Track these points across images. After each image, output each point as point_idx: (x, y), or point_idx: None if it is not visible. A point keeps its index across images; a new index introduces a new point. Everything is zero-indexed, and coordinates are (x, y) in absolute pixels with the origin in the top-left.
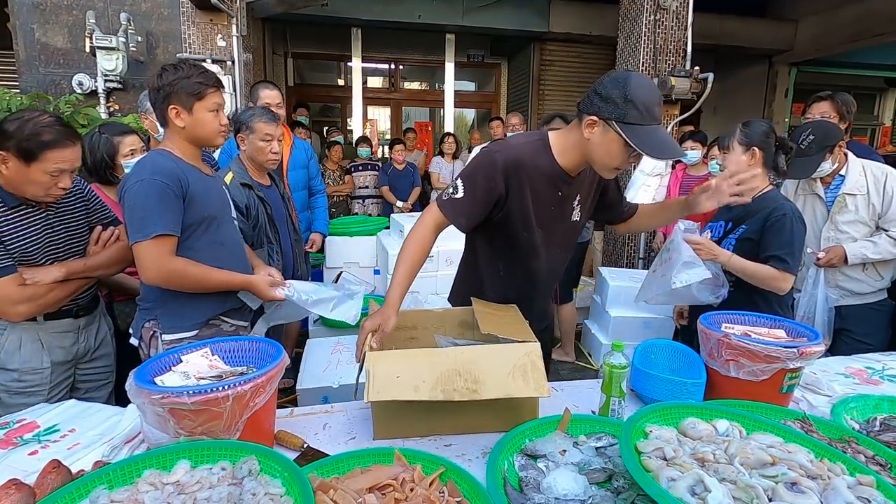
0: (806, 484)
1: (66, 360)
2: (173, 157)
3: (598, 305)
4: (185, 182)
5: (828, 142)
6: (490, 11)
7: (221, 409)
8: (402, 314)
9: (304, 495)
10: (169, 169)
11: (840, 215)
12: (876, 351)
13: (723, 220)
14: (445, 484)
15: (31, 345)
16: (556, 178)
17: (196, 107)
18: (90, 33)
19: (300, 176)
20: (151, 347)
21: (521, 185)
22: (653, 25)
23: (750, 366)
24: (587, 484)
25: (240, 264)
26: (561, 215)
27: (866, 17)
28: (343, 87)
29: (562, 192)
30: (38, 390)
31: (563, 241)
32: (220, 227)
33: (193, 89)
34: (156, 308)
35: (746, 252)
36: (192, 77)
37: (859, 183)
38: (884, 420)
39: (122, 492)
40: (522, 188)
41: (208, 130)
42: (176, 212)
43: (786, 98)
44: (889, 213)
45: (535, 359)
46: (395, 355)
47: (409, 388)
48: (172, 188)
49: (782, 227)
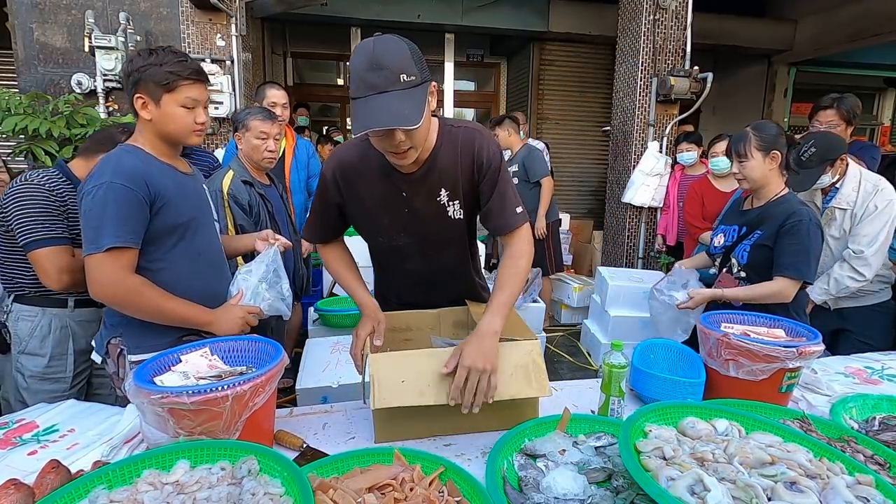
0: (805, 483)
1: (87, 350)
2: (143, 155)
3: (598, 305)
4: (155, 185)
5: (829, 155)
6: (489, 11)
7: (221, 409)
8: (396, 316)
9: (303, 495)
10: (133, 170)
11: (828, 228)
12: (879, 351)
13: (736, 224)
14: (445, 484)
15: (61, 331)
16: (391, 176)
17: (165, 99)
18: (89, 33)
19: (300, 176)
20: (120, 366)
21: (355, 189)
22: (652, 25)
23: (749, 365)
24: (587, 483)
25: (216, 277)
26: (423, 216)
27: (865, 16)
28: (342, 86)
29: (406, 191)
30: (62, 377)
31: (442, 243)
32: (197, 235)
33: (162, 79)
34: (120, 325)
35: (761, 261)
36: (164, 65)
37: (850, 197)
38: (883, 419)
39: (121, 492)
40: (356, 192)
41: (177, 127)
42: (137, 220)
43: (785, 98)
44: (859, 226)
45: (537, 357)
46: (398, 358)
47: (415, 393)
48: (136, 193)
49: (797, 234)
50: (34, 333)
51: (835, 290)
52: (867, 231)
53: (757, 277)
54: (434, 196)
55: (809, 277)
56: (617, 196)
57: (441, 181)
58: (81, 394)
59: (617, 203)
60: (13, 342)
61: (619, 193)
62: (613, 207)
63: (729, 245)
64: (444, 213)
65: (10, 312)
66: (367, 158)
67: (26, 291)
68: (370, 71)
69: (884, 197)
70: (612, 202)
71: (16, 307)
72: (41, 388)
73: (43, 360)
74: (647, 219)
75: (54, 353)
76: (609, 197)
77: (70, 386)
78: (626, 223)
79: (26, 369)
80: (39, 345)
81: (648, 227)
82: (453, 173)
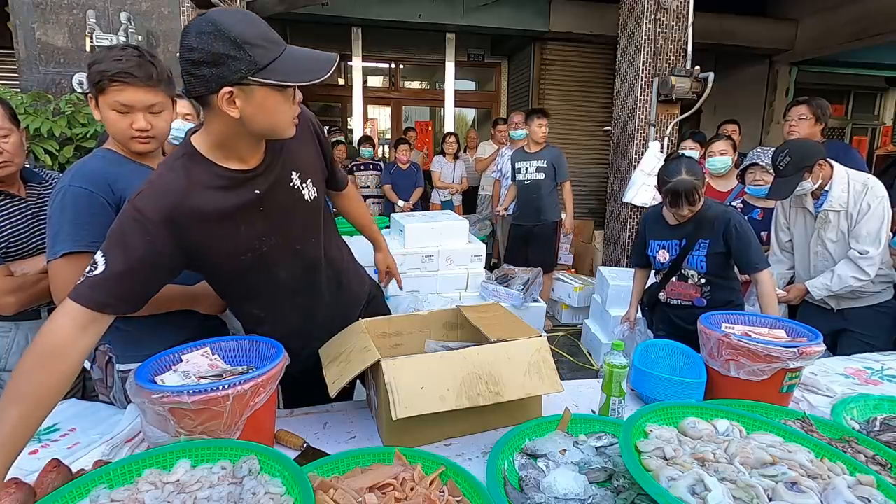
0: (806, 483)
1: None
2: (113, 157)
3: (598, 305)
4: (122, 186)
5: (805, 162)
6: (490, 11)
7: (221, 409)
8: (385, 321)
9: (304, 494)
10: (96, 172)
11: (825, 231)
12: (880, 350)
13: (675, 239)
14: (445, 483)
15: None
16: (235, 183)
17: (100, 100)
18: (90, 32)
19: None
20: (108, 374)
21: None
22: (653, 25)
23: (750, 365)
24: (587, 483)
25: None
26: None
27: (866, 16)
28: (343, 86)
29: (259, 189)
30: None
31: (308, 230)
32: None
33: (94, 78)
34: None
35: (718, 266)
36: (101, 62)
37: (841, 199)
38: (884, 420)
39: (122, 491)
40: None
41: (113, 132)
42: (97, 223)
43: (786, 98)
44: (858, 227)
45: (546, 354)
46: (414, 363)
47: (436, 399)
48: (96, 196)
49: (743, 234)
50: (11, 349)
51: (837, 287)
52: (867, 230)
53: (718, 280)
54: (287, 182)
55: (767, 263)
56: (618, 196)
57: (287, 165)
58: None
59: (618, 203)
60: None
61: (619, 193)
62: (614, 207)
63: (675, 258)
64: (299, 198)
65: None
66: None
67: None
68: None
69: (874, 194)
70: (613, 202)
71: None
72: None
73: None
74: None
75: None
76: (610, 197)
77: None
78: (626, 223)
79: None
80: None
81: None
82: (298, 152)
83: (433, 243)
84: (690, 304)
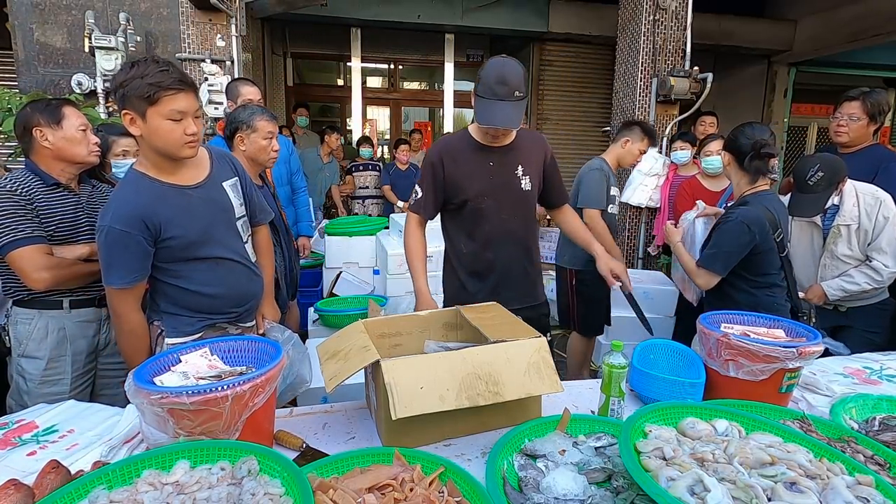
0: (805, 483)
1: (88, 351)
2: (145, 184)
3: None
4: (156, 219)
5: (837, 178)
6: (489, 11)
7: (220, 409)
8: (385, 321)
9: (303, 495)
10: (131, 211)
11: (835, 245)
12: (881, 346)
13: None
14: (445, 484)
15: (58, 333)
16: (477, 149)
17: (149, 113)
18: (89, 33)
19: (282, 171)
20: (157, 346)
21: (451, 158)
22: (652, 25)
23: (749, 365)
24: (586, 484)
25: (244, 277)
26: (503, 184)
27: (865, 16)
28: (342, 87)
29: (492, 161)
30: (62, 379)
31: (515, 209)
32: (210, 246)
33: (144, 91)
34: (160, 311)
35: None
36: (146, 76)
37: (853, 213)
38: (883, 420)
39: (121, 492)
40: (453, 160)
41: (166, 141)
42: (137, 259)
43: (785, 98)
44: (877, 240)
45: (545, 354)
46: (414, 364)
47: (435, 399)
48: (133, 236)
49: (719, 228)
50: (31, 336)
51: (852, 290)
52: (887, 241)
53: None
54: (513, 169)
55: (710, 267)
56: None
57: (518, 159)
58: (85, 396)
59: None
60: (13, 345)
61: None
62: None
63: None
64: (517, 183)
65: (10, 316)
66: (465, 139)
67: (23, 295)
68: (497, 83)
69: (888, 206)
70: None
71: (14, 311)
72: (42, 392)
73: (41, 362)
74: (646, 219)
75: (52, 355)
76: None
77: (71, 388)
78: (625, 223)
79: (26, 372)
80: (37, 347)
81: (648, 228)
82: (528, 155)
83: (433, 244)
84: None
